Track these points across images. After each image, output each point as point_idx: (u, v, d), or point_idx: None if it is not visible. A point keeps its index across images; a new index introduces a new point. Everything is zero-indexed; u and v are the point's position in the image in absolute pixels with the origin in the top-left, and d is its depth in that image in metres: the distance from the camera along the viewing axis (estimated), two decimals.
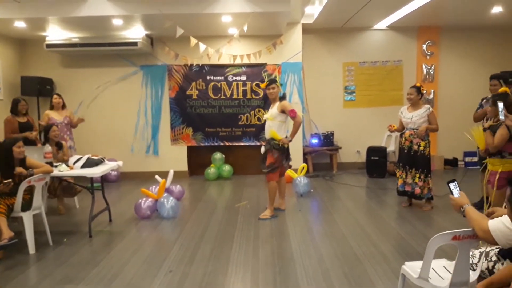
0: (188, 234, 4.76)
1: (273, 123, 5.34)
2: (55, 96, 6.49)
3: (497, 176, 4.13)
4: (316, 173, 8.37)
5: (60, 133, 5.90)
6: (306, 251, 4.16)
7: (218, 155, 8.15)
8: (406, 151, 5.60)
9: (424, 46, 8.72)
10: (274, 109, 5.41)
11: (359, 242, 4.39)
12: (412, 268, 2.55)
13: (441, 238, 2.27)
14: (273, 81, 5.48)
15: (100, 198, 5.28)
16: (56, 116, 6.35)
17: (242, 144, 8.34)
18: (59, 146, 5.53)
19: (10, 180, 4.07)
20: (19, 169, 4.16)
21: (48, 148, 4.95)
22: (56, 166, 4.75)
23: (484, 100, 5.56)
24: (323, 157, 8.80)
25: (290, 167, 5.86)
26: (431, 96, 8.76)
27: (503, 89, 4.42)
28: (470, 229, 2.24)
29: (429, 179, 5.54)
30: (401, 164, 5.71)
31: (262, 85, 5.56)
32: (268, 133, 5.40)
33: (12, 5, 6.14)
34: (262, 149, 5.54)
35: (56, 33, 7.42)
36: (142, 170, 8.25)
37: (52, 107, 6.44)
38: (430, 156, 5.58)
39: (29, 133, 5.95)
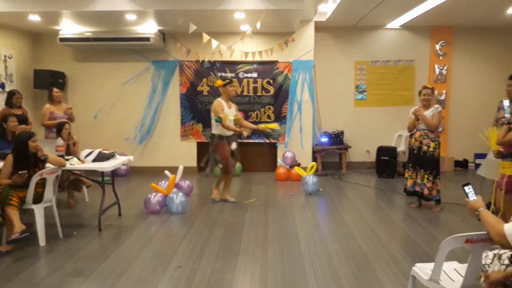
0: (197, 230, 4.78)
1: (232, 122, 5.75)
2: (55, 89, 6.28)
3: (505, 179, 4.08)
4: (325, 171, 8.35)
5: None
6: (315, 250, 4.16)
7: None
8: (415, 151, 5.56)
9: (437, 46, 8.64)
10: (234, 109, 5.87)
11: (368, 242, 4.38)
12: (422, 270, 2.54)
13: (454, 240, 2.25)
14: (232, 80, 5.95)
15: (110, 192, 5.32)
16: (57, 111, 6.21)
17: (251, 141, 8.32)
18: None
19: (26, 171, 4.12)
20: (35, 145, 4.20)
21: (60, 141, 4.99)
22: (67, 160, 4.78)
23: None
24: (333, 156, 8.77)
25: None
26: (443, 97, 8.68)
27: None
28: (484, 232, 2.22)
29: (438, 180, 5.51)
30: (410, 165, 5.68)
31: (220, 83, 5.82)
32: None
33: None
34: (234, 146, 5.81)
35: (69, 27, 7.47)
36: (151, 165, 8.29)
37: (52, 101, 6.23)
38: (439, 158, 5.54)
39: (24, 126, 5.82)
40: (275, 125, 6.26)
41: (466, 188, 2.39)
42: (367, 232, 4.70)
